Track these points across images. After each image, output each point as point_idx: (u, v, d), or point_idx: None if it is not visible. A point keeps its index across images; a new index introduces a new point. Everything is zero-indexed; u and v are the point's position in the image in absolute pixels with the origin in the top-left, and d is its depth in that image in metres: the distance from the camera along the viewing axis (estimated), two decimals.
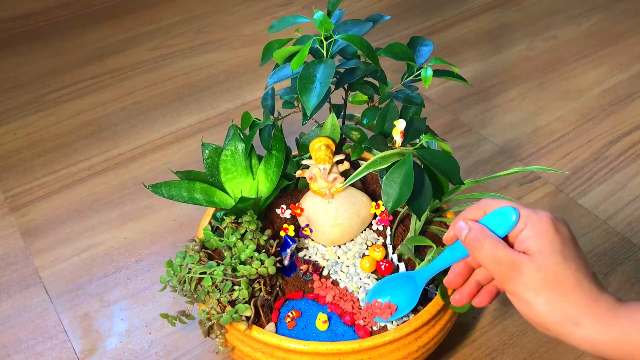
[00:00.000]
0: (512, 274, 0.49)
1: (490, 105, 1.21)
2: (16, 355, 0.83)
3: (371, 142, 0.69)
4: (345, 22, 0.71)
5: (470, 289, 0.56)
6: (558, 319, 0.47)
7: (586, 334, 0.46)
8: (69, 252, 0.96)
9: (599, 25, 1.41)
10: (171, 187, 0.76)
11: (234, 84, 1.29)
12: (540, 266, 0.48)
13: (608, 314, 0.46)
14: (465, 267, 0.57)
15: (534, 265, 0.48)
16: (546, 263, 0.48)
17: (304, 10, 1.51)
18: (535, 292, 0.48)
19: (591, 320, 0.46)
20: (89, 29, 1.48)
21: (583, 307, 0.47)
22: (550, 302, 0.47)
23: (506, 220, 0.51)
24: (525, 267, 0.48)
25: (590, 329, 0.46)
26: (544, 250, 0.48)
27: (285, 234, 0.75)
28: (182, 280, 0.70)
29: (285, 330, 0.68)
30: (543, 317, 0.48)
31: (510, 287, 0.49)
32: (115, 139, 1.17)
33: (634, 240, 0.94)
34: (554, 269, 0.48)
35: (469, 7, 1.49)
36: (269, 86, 0.72)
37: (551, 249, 0.48)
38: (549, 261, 0.48)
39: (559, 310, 0.47)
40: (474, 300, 0.56)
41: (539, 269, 0.48)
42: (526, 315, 0.49)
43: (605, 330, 0.46)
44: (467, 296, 0.56)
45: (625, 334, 0.45)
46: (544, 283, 0.48)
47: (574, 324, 0.47)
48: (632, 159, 1.08)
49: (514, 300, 0.50)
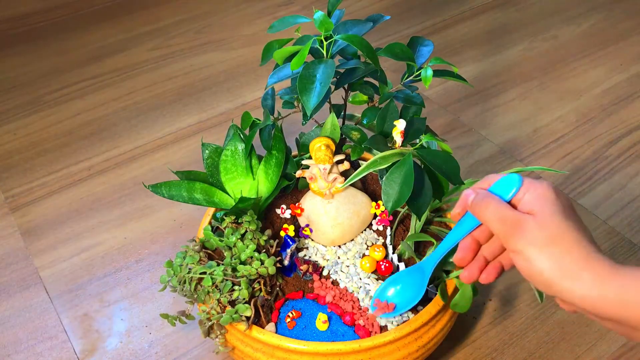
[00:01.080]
0: (515, 232, 0.50)
1: (490, 105, 1.21)
2: (16, 355, 0.83)
3: (371, 142, 0.69)
4: (345, 22, 0.71)
5: (479, 264, 0.57)
6: (559, 273, 0.48)
7: (585, 289, 0.47)
8: (69, 252, 0.96)
9: (599, 25, 1.41)
10: (171, 187, 0.76)
11: (234, 84, 1.29)
12: (543, 224, 0.50)
13: (607, 271, 0.47)
14: (473, 242, 0.57)
15: (536, 223, 0.50)
16: (548, 221, 0.50)
17: (304, 10, 1.51)
18: (537, 248, 0.49)
19: (591, 275, 0.47)
20: (89, 29, 1.48)
21: (583, 263, 0.48)
22: (552, 257, 0.49)
23: (510, 185, 0.53)
24: (529, 224, 0.50)
25: (589, 283, 0.47)
26: (546, 210, 0.50)
27: (285, 234, 0.75)
28: (182, 280, 0.70)
29: (285, 330, 0.68)
30: (544, 273, 0.49)
31: (513, 244, 0.50)
32: (115, 139, 1.17)
33: (634, 240, 0.94)
34: (555, 227, 0.49)
35: (469, 7, 1.49)
36: (269, 86, 0.72)
37: (552, 210, 0.50)
38: (551, 219, 0.50)
39: (559, 265, 0.48)
40: (481, 277, 0.57)
41: (541, 227, 0.50)
42: (527, 272, 0.50)
43: (604, 285, 0.47)
44: (477, 271, 0.57)
45: (624, 290, 0.46)
46: (546, 239, 0.49)
47: (574, 279, 0.48)
48: (632, 159, 1.08)
49: (517, 258, 0.51)
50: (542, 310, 0.85)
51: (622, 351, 0.81)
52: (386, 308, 0.67)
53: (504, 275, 0.89)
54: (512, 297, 0.87)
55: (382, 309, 0.67)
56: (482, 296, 0.87)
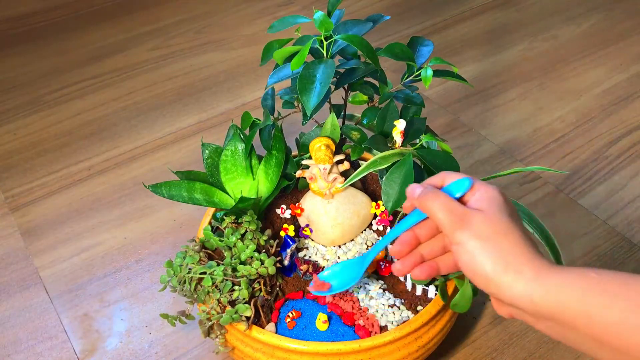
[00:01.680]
0: (461, 224, 0.51)
1: (490, 105, 1.21)
2: (16, 355, 0.83)
3: (371, 142, 0.69)
4: (345, 22, 0.71)
5: (414, 259, 0.58)
6: (500, 267, 0.49)
7: (526, 284, 0.48)
8: (69, 252, 0.96)
9: (599, 25, 1.41)
10: (171, 187, 0.76)
11: (234, 84, 1.29)
12: (489, 219, 0.51)
13: (547, 268, 0.48)
14: (412, 237, 0.58)
15: (483, 217, 0.51)
16: (494, 218, 0.51)
17: (304, 10, 1.51)
18: (481, 240, 0.50)
19: (531, 270, 0.48)
20: (89, 29, 1.48)
21: (525, 259, 0.49)
22: (495, 251, 0.49)
23: (460, 187, 0.54)
24: (475, 218, 0.51)
25: (530, 278, 0.48)
26: (493, 209, 0.52)
27: (285, 234, 0.75)
28: (182, 280, 0.70)
29: (285, 331, 0.68)
30: (485, 266, 0.49)
31: (457, 235, 0.51)
32: (115, 139, 1.17)
33: (634, 240, 0.94)
34: (501, 224, 0.50)
35: (469, 7, 1.49)
36: (269, 86, 0.72)
37: (499, 209, 0.52)
38: (497, 217, 0.51)
39: (501, 259, 0.49)
40: (413, 272, 0.58)
41: (487, 221, 0.51)
42: (468, 265, 0.51)
43: (544, 280, 0.47)
44: (410, 265, 0.58)
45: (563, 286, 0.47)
46: (490, 233, 0.50)
47: (515, 273, 0.48)
48: (632, 159, 1.08)
49: (458, 249, 0.51)
50: None
51: None
52: (321, 286, 0.67)
53: None
54: None
55: (317, 287, 0.67)
56: (482, 296, 0.87)
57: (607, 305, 0.45)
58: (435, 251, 0.58)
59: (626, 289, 0.45)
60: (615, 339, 0.44)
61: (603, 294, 0.45)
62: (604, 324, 0.45)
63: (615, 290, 0.45)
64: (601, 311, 0.45)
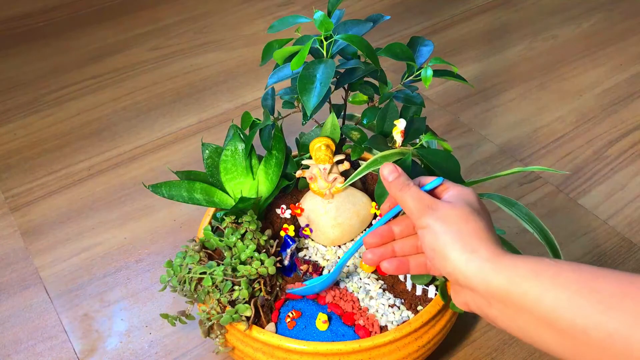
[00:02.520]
0: (428, 210, 0.55)
1: (490, 105, 1.21)
2: (16, 355, 0.83)
3: (371, 142, 0.69)
4: (345, 22, 0.71)
5: (385, 251, 0.61)
6: (459, 247, 0.52)
7: (481, 262, 0.50)
8: (69, 252, 0.96)
9: (599, 25, 1.41)
10: (171, 187, 0.76)
11: (234, 84, 1.29)
12: (454, 207, 0.54)
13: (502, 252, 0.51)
14: (386, 231, 0.61)
15: (449, 205, 0.55)
16: (460, 207, 0.54)
17: (304, 10, 1.51)
18: (446, 224, 0.53)
19: (487, 251, 0.51)
20: (89, 29, 1.48)
21: (483, 242, 0.52)
22: (456, 232, 0.52)
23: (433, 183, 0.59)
24: (442, 206, 0.55)
25: (485, 257, 0.50)
26: (461, 202, 0.55)
27: (285, 234, 0.75)
28: (182, 280, 0.70)
29: (285, 330, 0.68)
30: (446, 246, 0.52)
31: (424, 220, 0.54)
32: (115, 139, 1.17)
33: (634, 240, 0.94)
34: (465, 211, 0.54)
35: (469, 7, 1.49)
36: (269, 86, 0.72)
37: (467, 203, 0.55)
38: (462, 206, 0.54)
39: (461, 240, 0.52)
40: (382, 264, 0.60)
41: (453, 208, 0.54)
42: (430, 244, 0.54)
43: (498, 260, 0.50)
44: (379, 256, 0.61)
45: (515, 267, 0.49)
46: (455, 218, 0.53)
47: (471, 252, 0.51)
48: (632, 159, 1.08)
49: (424, 233, 0.54)
50: None
51: None
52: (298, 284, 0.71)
53: None
54: None
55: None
56: None
57: (557, 286, 0.46)
58: (407, 248, 0.61)
59: (579, 275, 0.46)
60: (562, 320, 0.45)
61: (555, 276, 0.47)
62: (552, 304, 0.46)
63: (566, 274, 0.47)
64: (551, 291, 0.46)
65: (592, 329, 0.43)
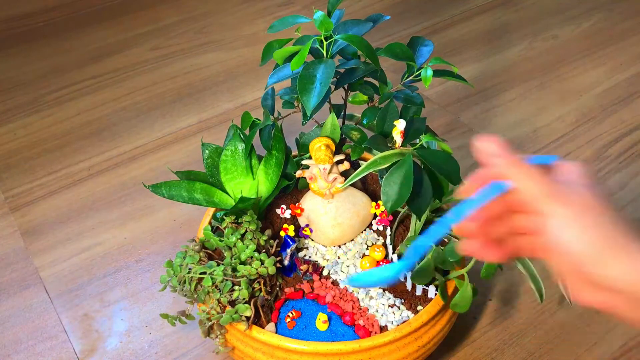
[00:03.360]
0: (552, 193, 0.45)
1: (490, 105, 1.21)
2: (16, 355, 0.83)
3: (371, 142, 0.69)
4: (345, 22, 0.71)
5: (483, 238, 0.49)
6: (600, 244, 0.43)
7: (631, 262, 0.43)
8: (69, 252, 0.96)
9: (599, 25, 1.41)
10: (171, 187, 0.76)
11: (234, 84, 1.29)
12: (583, 192, 0.45)
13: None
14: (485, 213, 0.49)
15: (577, 188, 0.45)
16: (588, 190, 0.45)
17: (304, 10, 1.51)
18: (577, 213, 0.44)
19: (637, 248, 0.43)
20: (89, 29, 1.48)
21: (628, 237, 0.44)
22: (593, 224, 0.44)
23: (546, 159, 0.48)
24: (568, 188, 0.46)
25: (636, 256, 0.43)
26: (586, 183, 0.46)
27: (285, 234, 0.75)
28: (182, 280, 0.70)
29: (285, 330, 0.68)
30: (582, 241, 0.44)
31: (549, 206, 0.45)
32: (115, 139, 1.17)
33: None
34: (595, 197, 0.45)
35: (469, 7, 1.49)
36: (269, 86, 0.72)
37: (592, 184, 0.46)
38: (590, 190, 0.45)
39: (602, 235, 0.44)
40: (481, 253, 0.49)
41: (581, 193, 0.45)
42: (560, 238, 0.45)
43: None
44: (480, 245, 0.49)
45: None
46: (586, 206, 0.44)
47: (619, 249, 0.43)
48: (632, 159, 1.08)
49: (549, 223, 0.45)
50: (542, 310, 0.85)
51: (622, 351, 0.81)
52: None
53: (503, 275, 0.89)
54: (512, 297, 0.87)
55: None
56: (482, 296, 0.87)
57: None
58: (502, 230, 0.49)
59: None
60: None
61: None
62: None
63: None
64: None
65: None
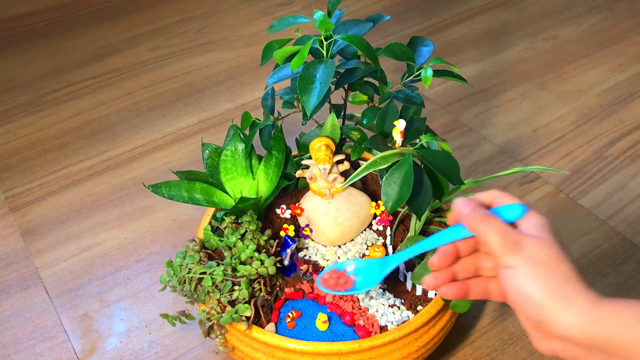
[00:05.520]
0: (515, 248, 0.50)
1: (490, 105, 1.21)
2: (16, 355, 0.83)
3: (371, 142, 0.69)
4: (345, 22, 0.71)
5: (448, 275, 0.55)
6: (554, 295, 0.48)
7: (580, 312, 0.47)
8: (69, 252, 0.96)
9: (599, 25, 1.41)
10: (171, 187, 0.76)
11: (234, 84, 1.29)
12: (542, 245, 0.49)
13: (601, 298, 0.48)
14: (453, 251, 0.55)
15: (537, 242, 0.50)
16: (548, 244, 0.50)
17: (304, 10, 1.51)
18: (535, 266, 0.49)
19: (585, 299, 0.47)
20: (89, 29, 1.48)
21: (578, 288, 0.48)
22: (548, 277, 0.48)
23: (514, 211, 0.53)
24: (530, 242, 0.50)
25: (583, 307, 0.47)
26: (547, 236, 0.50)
27: (285, 234, 0.75)
28: (182, 280, 0.70)
29: (285, 330, 0.68)
30: (538, 292, 0.48)
31: (510, 260, 0.50)
32: (115, 139, 1.17)
33: (634, 240, 0.94)
34: (553, 250, 0.49)
35: (469, 7, 1.49)
36: (269, 86, 0.72)
37: (552, 237, 0.51)
38: (550, 243, 0.50)
39: (555, 287, 0.48)
40: (442, 290, 0.55)
41: (541, 247, 0.49)
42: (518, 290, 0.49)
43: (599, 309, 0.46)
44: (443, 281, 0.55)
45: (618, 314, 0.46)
46: (544, 259, 0.49)
47: (569, 300, 0.47)
48: (632, 159, 1.08)
49: (509, 274, 0.50)
50: None
51: None
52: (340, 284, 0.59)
53: None
54: None
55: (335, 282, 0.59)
56: None
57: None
58: (468, 270, 0.55)
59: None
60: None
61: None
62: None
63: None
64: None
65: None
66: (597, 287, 0.89)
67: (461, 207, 0.53)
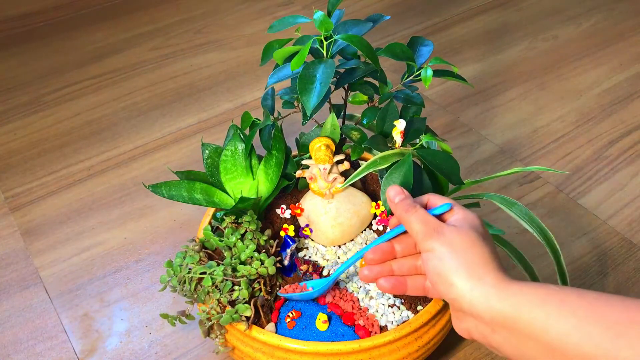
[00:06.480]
0: (434, 234, 0.54)
1: (490, 105, 1.21)
2: (16, 355, 0.83)
3: (371, 142, 0.69)
4: (345, 22, 0.71)
5: (382, 269, 0.60)
6: (465, 273, 0.51)
7: (486, 289, 0.50)
8: (69, 252, 0.96)
9: (599, 25, 1.41)
10: (171, 187, 0.76)
11: (234, 84, 1.29)
12: (461, 232, 0.54)
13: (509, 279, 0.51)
14: (389, 248, 0.60)
15: (455, 230, 0.54)
16: (465, 231, 0.54)
17: (304, 10, 1.51)
18: (451, 248, 0.53)
19: (493, 278, 0.51)
20: (89, 29, 1.48)
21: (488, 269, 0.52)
22: (461, 258, 0.52)
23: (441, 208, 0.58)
24: (448, 229, 0.55)
25: (490, 284, 0.50)
26: (466, 227, 0.55)
27: (285, 234, 0.75)
28: (182, 280, 0.70)
29: (285, 330, 0.68)
30: (451, 271, 0.52)
31: (429, 243, 0.54)
32: (115, 139, 1.17)
33: (634, 240, 0.94)
34: (470, 236, 0.54)
35: (469, 7, 1.49)
36: (269, 86, 0.72)
37: (472, 227, 0.55)
38: (468, 231, 0.54)
39: (467, 267, 0.52)
40: (378, 282, 0.60)
41: (459, 234, 0.54)
42: (434, 269, 0.53)
43: (504, 287, 0.50)
44: (376, 274, 0.60)
45: (521, 293, 0.49)
46: (461, 243, 0.53)
47: (477, 279, 0.51)
48: (632, 159, 1.08)
49: (428, 256, 0.54)
50: None
51: None
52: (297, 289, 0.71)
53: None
54: None
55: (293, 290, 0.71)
56: None
57: (564, 313, 0.46)
58: (406, 268, 0.60)
59: (586, 302, 0.46)
60: (570, 348, 0.45)
61: (562, 303, 0.46)
62: (560, 332, 0.45)
63: (573, 301, 0.46)
64: (558, 318, 0.46)
65: (601, 356, 0.43)
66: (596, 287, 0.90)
67: (393, 196, 0.59)
